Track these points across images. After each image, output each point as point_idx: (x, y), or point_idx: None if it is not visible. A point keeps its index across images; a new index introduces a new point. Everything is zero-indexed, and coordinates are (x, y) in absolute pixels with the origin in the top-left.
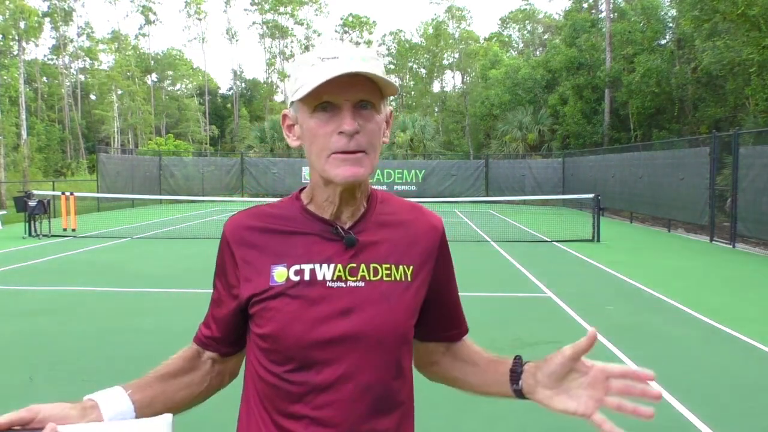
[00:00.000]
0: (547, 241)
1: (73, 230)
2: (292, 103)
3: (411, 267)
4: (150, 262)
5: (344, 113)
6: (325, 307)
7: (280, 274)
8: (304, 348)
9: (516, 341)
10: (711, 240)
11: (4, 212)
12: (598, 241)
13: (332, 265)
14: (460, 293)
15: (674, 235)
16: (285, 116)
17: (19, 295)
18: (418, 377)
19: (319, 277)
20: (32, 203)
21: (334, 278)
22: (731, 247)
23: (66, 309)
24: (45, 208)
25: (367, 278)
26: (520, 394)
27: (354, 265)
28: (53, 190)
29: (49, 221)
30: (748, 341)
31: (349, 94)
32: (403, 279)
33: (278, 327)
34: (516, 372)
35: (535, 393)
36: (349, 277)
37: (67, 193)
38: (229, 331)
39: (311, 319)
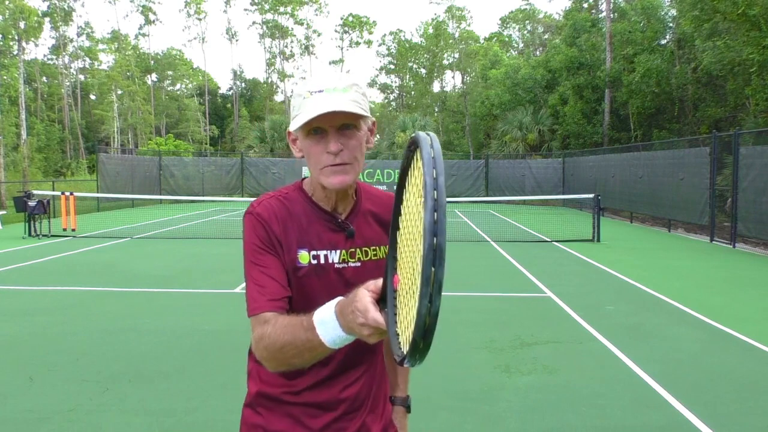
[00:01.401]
0: (547, 241)
1: (73, 230)
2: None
3: (388, 246)
4: (150, 262)
5: (330, 136)
6: (335, 284)
7: (303, 256)
8: None
9: (516, 341)
10: (711, 240)
11: (4, 212)
12: (598, 241)
13: (338, 251)
14: (460, 293)
15: (674, 235)
16: (289, 133)
17: (19, 295)
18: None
19: (330, 260)
20: (32, 203)
21: (340, 261)
22: (731, 247)
23: (66, 309)
24: (45, 208)
25: (362, 259)
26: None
27: (353, 249)
28: (53, 190)
29: (49, 221)
30: (748, 341)
31: (333, 121)
32: (384, 257)
33: (306, 299)
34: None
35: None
36: (350, 260)
37: (67, 193)
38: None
39: (328, 293)
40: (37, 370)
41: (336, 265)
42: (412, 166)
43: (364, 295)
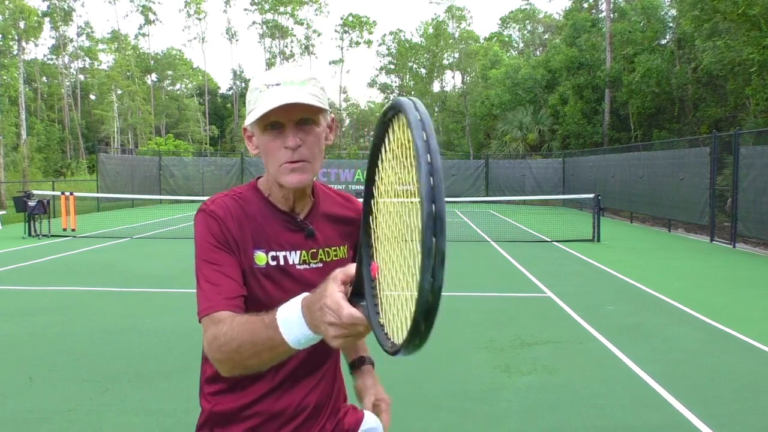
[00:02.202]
0: (547, 241)
1: (73, 230)
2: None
3: (346, 246)
4: (150, 262)
5: (288, 131)
6: (296, 285)
7: (260, 257)
8: None
9: (516, 341)
10: (711, 240)
11: (4, 212)
12: (598, 241)
13: (298, 252)
14: (460, 293)
15: (674, 235)
16: (245, 129)
17: (19, 295)
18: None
19: (290, 262)
20: (32, 203)
21: (300, 262)
22: (731, 247)
23: (66, 309)
24: (45, 208)
25: (324, 260)
26: (351, 368)
27: (314, 250)
28: (53, 190)
29: (49, 221)
30: (748, 341)
31: (291, 115)
32: (344, 256)
33: (261, 302)
34: (356, 363)
35: (356, 383)
36: (311, 260)
37: (67, 193)
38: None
39: (286, 296)
40: (37, 370)
41: (297, 267)
42: (387, 136)
43: (334, 290)
